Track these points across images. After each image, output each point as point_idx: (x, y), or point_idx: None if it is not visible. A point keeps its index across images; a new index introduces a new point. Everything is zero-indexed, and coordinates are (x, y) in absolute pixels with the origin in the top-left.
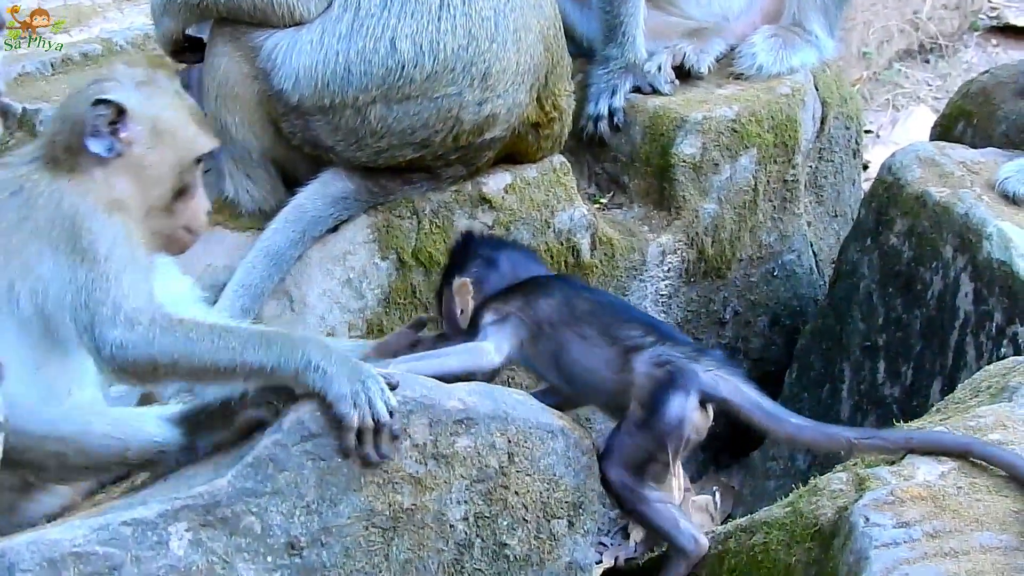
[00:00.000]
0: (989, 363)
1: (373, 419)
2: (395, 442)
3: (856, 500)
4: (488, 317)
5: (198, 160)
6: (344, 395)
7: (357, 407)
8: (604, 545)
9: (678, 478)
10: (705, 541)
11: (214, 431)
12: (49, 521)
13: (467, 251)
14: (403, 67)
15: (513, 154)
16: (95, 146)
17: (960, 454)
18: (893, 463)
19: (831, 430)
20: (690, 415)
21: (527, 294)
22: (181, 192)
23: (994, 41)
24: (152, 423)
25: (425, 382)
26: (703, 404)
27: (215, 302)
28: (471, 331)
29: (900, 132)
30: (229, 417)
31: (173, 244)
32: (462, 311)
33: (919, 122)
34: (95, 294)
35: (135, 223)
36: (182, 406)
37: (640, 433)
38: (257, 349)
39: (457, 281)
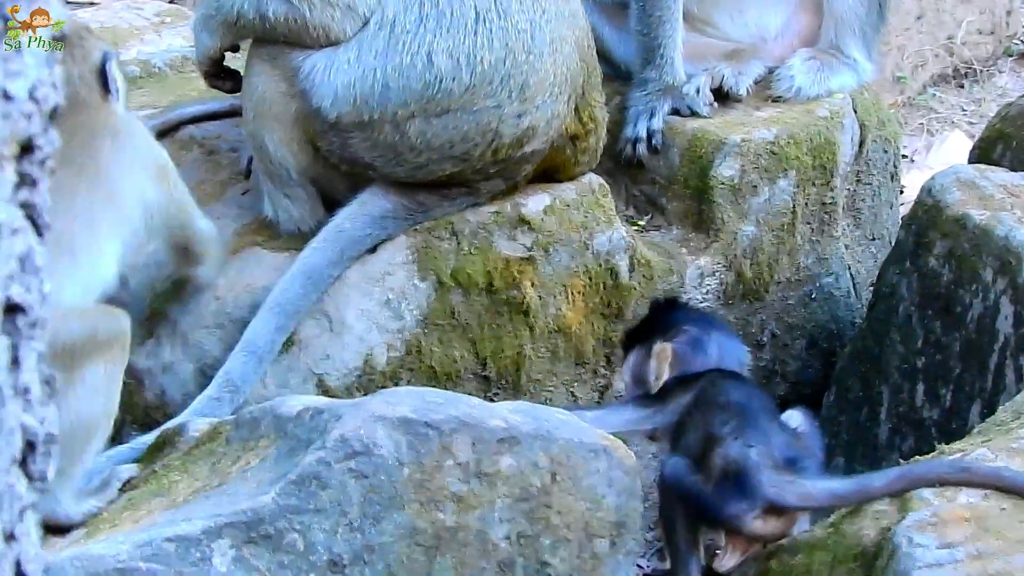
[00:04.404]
0: None
1: None
2: None
3: (899, 521)
4: (671, 399)
5: None
6: None
7: None
8: (640, 567)
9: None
10: None
11: None
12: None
13: (673, 318)
14: (441, 81)
15: (550, 169)
16: None
17: None
18: None
19: (917, 467)
20: (750, 522)
21: (700, 393)
22: None
23: None
24: None
25: (469, 400)
26: (773, 512)
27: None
28: (655, 398)
29: (935, 156)
30: None
31: None
32: (657, 377)
33: (954, 146)
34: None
35: None
36: None
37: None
38: None
39: (659, 346)
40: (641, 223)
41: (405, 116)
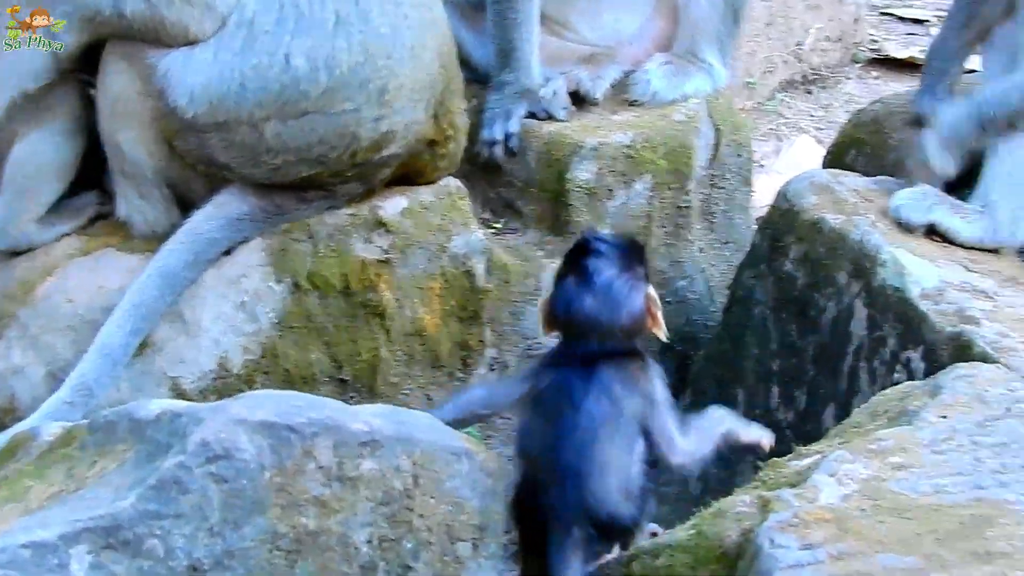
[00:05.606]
0: (882, 389)
1: None
2: None
3: (761, 522)
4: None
5: None
6: None
7: None
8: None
9: None
10: None
11: None
12: None
13: (569, 265)
14: (298, 82)
15: (409, 173)
16: None
17: None
18: (795, 485)
19: None
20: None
21: (541, 396)
22: None
23: (875, 73)
24: None
25: (331, 403)
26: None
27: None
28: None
29: (784, 161)
30: None
31: None
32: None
33: (802, 151)
34: None
35: None
36: None
37: None
38: None
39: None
40: (497, 226)
41: (262, 117)
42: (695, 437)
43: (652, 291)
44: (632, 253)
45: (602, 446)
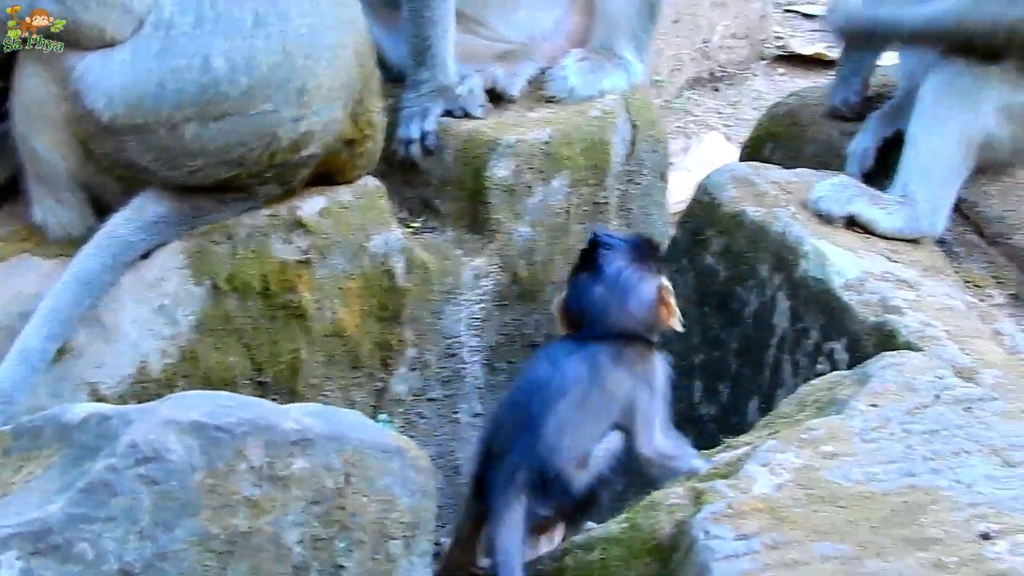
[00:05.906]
0: (806, 380)
1: None
2: None
3: (695, 514)
4: None
5: None
6: None
7: None
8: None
9: None
10: None
11: None
12: None
13: (584, 262)
14: (218, 83)
15: (328, 172)
16: None
17: None
18: (728, 476)
19: None
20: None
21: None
22: None
23: (781, 70)
24: None
25: (262, 403)
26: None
27: None
28: None
29: (693, 159)
30: None
31: None
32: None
33: (711, 148)
34: None
35: None
36: None
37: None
38: None
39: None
40: (415, 225)
41: (181, 119)
42: (675, 445)
43: (666, 282)
44: (644, 248)
45: (568, 405)
